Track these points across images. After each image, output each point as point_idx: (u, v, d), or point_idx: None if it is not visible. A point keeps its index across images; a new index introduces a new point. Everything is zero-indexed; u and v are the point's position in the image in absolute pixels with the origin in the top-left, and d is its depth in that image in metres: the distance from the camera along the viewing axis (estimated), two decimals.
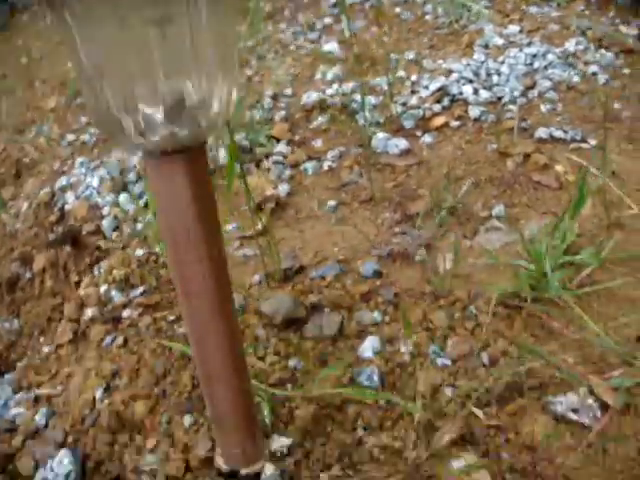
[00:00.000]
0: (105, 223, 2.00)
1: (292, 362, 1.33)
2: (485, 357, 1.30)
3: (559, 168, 1.75)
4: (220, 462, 1.19)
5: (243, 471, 1.17)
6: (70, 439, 1.38)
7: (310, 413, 1.22)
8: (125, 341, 1.48)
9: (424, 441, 1.14)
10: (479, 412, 1.20)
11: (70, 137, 2.55)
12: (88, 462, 1.31)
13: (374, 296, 1.48)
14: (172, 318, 1.51)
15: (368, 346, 1.33)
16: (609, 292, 1.49)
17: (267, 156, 2.04)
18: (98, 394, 1.42)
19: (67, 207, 2.18)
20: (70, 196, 2.20)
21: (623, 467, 1.12)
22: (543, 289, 1.39)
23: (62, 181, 2.26)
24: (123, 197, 2.04)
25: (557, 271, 1.41)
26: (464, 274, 1.54)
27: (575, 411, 1.21)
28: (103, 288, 1.66)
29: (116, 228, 2.00)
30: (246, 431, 1.12)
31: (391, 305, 1.44)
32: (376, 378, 1.26)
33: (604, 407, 1.22)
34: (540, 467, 1.11)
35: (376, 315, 1.41)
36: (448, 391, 1.24)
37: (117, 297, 1.62)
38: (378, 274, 1.55)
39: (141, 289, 1.61)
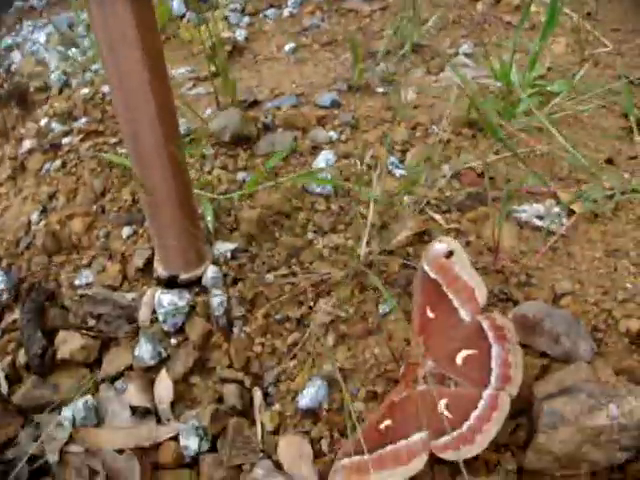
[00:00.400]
0: (53, 77, 1.83)
1: (240, 175, 1.21)
2: (447, 169, 1.19)
3: (533, 9, 1.62)
4: (159, 268, 1.07)
5: (183, 276, 1.06)
6: (4, 263, 1.25)
7: (257, 219, 1.10)
8: (64, 164, 1.35)
9: (378, 240, 1.03)
10: (438, 217, 1.09)
11: (18, 3, 2.36)
12: (23, 284, 1.19)
13: (331, 120, 1.36)
14: (114, 141, 1.37)
15: (322, 159, 1.21)
16: (579, 121, 1.38)
17: (225, 5, 1.89)
18: (34, 217, 1.29)
19: (14, 66, 2.01)
20: (16, 55, 2.03)
21: (589, 267, 1.03)
22: (511, 115, 1.28)
23: (7, 41, 2.08)
24: (72, 51, 1.88)
25: (526, 99, 1.29)
26: (427, 104, 1.42)
27: (540, 218, 1.11)
28: (44, 121, 1.52)
29: (65, 84, 1.84)
30: (187, 235, 1.01)
31: (349, 127, 1.32)
32: (329, 185, 1.14)
33: (570, 215, 1.11)
34: (503, 266, 1.01)
35: (332, 134, 1.29)
36: (405, 198, 1.13)
37: (58, 128, 1.48)
38: (337, 104, 1.42)
39: (84, 120, 1.47)
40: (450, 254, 0.92)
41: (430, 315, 0.90)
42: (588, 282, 1.00)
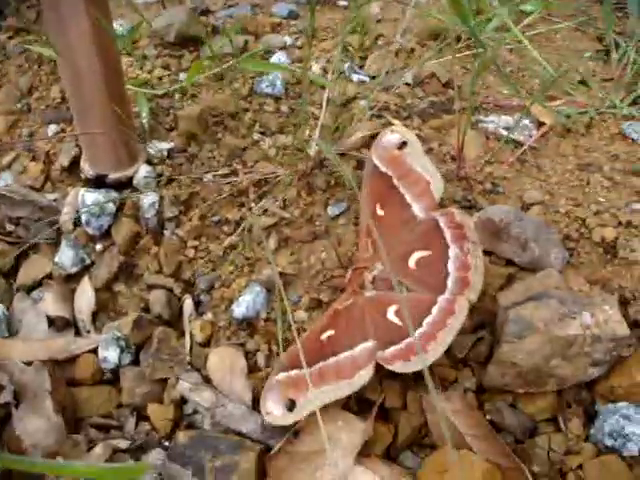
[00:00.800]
0: None
1: (184, 76, 1.06)
2: (409, 77, 1.06)
3: None
4: (86, 167, 0.93)
5: (113, 175, 0.92)
6: None
7: (197, 116, 0.96)
8: None
9: (330, 141, 0.90)
10: (397, 122, 0.97)
11: None
12: None
13: (287, 27, 1.22)
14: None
15: (274, 59, 1.07)
16: (552, 41, 1.27)
17: None
18: None
19: None
20: None
21: (560, 179, 0.91)
22: (482, 30, 1.15)
23: None
24: None
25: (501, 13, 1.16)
26: (391, 19, 1.28)
27: (508, 130, 0.99)
28: None
29: None
30: (118, 131, 0.87)
31: (305, 35, 1.17)
32: (280, 85, 1.01)
33: (541, 127, 0.99)
34: (467, 173, 0.89)
35: (287, 39, 1.15)
36: (363, 103, 0.99)
37: None
38: (294, 15, 1.28)
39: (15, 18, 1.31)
40: (403, 145, 0.79)
41: (380, 213, 0.77)
42: (559, 194, 0.88)
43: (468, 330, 0.77)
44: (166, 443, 0.76)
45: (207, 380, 0.77)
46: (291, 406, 0.68)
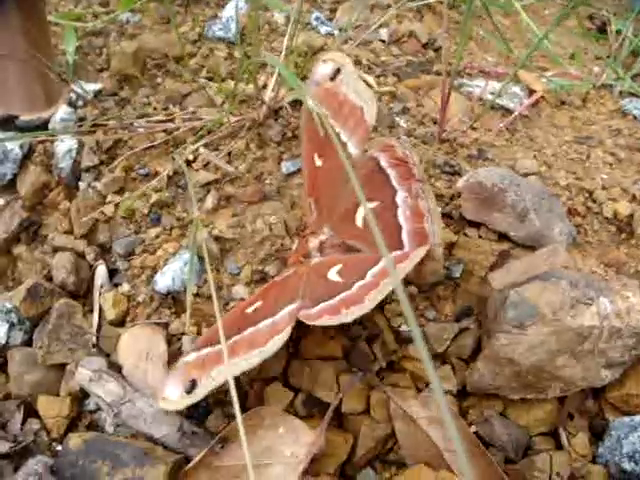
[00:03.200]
0: None
1: (125, 16, 0.85)
2: (385, 34, 0.86)
3: None
4: None
5: (25, 117, 0.70)
6: None
7: (133, 55, 0.75)
8: None
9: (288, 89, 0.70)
10: (368, 77, 0.77)
11: None
12: None
13: None
14: None
15: (231, 6, 0.86)
16: (541, 17, 1.10)
17: None
18: None
19: None
20: None
21: (556, 152, 0.74)
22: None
23: None
24: None
25: None
26: None
27: (498, 95, 0.80)
28: None
29: None
30: (34, 67, 0.66)
31: None
32: (234, 29, 0.80)
33: (532, 95, 0.81)
34: (450, 135, 0.69)
35: None
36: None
37: None
38: None
39: None
40: (337, 73, 0.60)
41: (318, 163, 0.57)
42: (557, 166, 0.70)
43: (450, 318, 0.57)
44: (58, 447, 0.54)
45: (116, 368, 0.55)
46: (191, 388, 0.47)
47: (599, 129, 0.79)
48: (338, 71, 0.61)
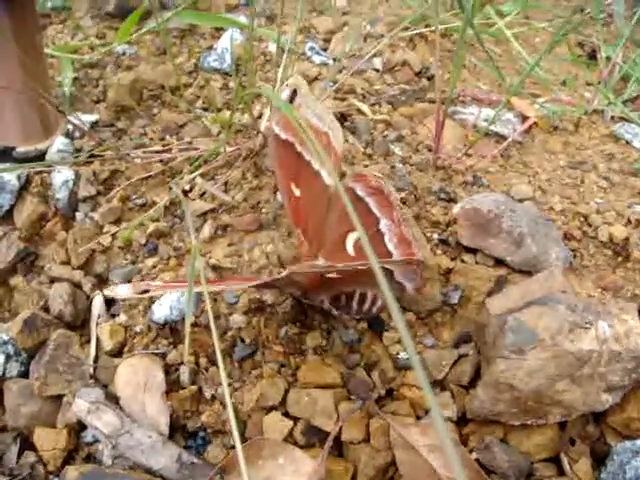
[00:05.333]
0: None
1: (121, 48, 0.86)
2: (378, 63, 0.88)
3: None
4: None
5: (21, 148, 0.70)
6: None
7: (130, 85, 0.76)
8: None
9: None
10: (362, 105, 0.78)
11: None
12: None
13: (243, 9, 1.03)
14: None
15: (226, 38, 0.88)
16: (530, 45, 1.11)
17: None
18: None
19: None
20: None
21: (551, 177, 0.74)
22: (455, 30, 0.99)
23: None
24: None
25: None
26: (358, 12, 1.11)
27: (490, 122, 0.81)
28: None
29: None
30: (30, 97, 0.67)
31: (264, 17, 0.99)
32: (229, 60, 0.82)
33: (525, 121, 0.82)
34: (445, 162, 0.70)
35: (242, 18, 0.96)
36: (323, 85, 0.81)
37: None
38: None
39: None
40: (294, 95, 0.60)
41: (296, 193, 0.58)
42: (551, 191, 0.70)
43: (448, 344, 0.57)
44: None
45: (113, 399, 0.55)
46: (141, 293, 0.47)
47: (592, 154, 0.79)
48: (294, 93, 0.61)
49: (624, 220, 0.64)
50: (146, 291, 0.48)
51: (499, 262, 0.61)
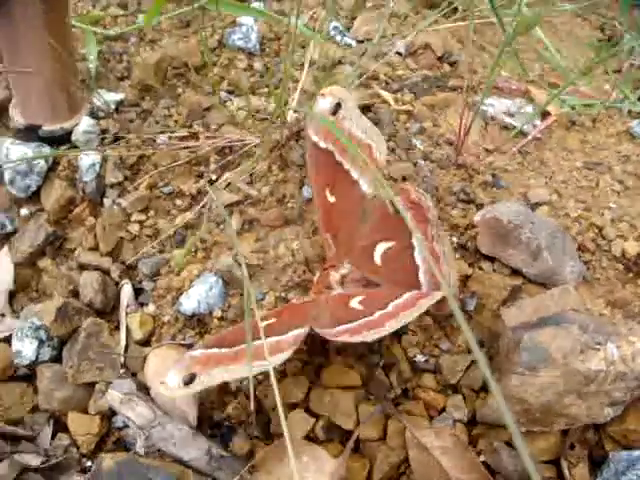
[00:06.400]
0: None
1: (141, 18, 0.86)
2: (402, 46, 0.88)
3: None
4: (16, 116, 0.73)
5: (47, 127, 0.72)
6: None
7: (155, 65, 0.77)
8: None
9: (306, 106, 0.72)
10: (386, 94, 0.79)
11: None
12: None
13: None
14: None
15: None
16: (552, 26, 1.11)
17: None
18: None
19: None
20: None
21: (567, 178, 0.77)
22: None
23: None
24: None
25: None
26: None
27: (510, 115, 0.83)
28: None
29: None
30: (57, 75, 0.68)
31: None
32: (255, 39, 0.82)
33: (545, 116, 0.83)
34: (464, 160, 0.72)
35: None
36: (348, 69, 0.82)
37: None
38: None
39: None
40: (337, 107, 0.62)
41: (331, 200, 0.60)
42: (567, 195, 0.73)
43: (462, 349, 0.61)
44: (88, 463, 0.58)
45: (143, 388, 0.59)
46: (189, 380, 0.51)
47: (608, 155, 0.82)
48: (339, 105, 0.63)
49: (636, 233, 0.67)
50: (193, 377, 0.51)
51: (515, 272, 0.64)
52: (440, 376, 0.60)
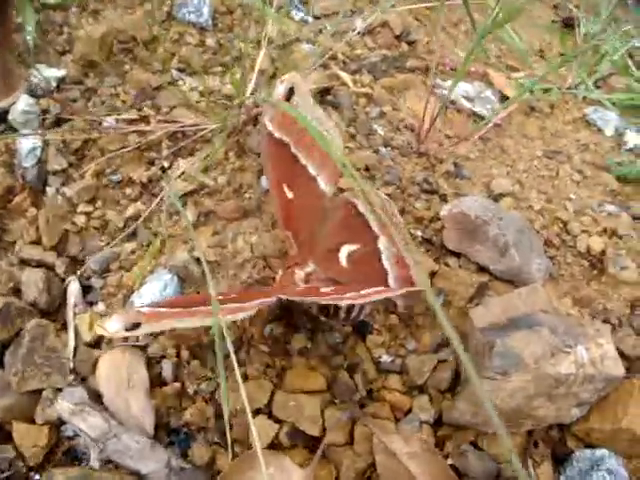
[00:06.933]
0: None
1: None
2: (360, 23, 0.84)
3: None
4: None
5: None
6: None
7: (100, 39, 0.71)
8: None
9: (267, 90, 0.68)
10: (345, 75, 0.76)
11: None
12: None
13: None
14: None
15: None
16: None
17: None
18: None
19: None
20: None
21: (528, 167, 0.76)
22: None
23: None
24: None
25: None
26: None
27: (469, 100, 0.80)
28: None
29: None
30: None
31: None
32: (207, 13, 0.77)
33: (504, 100, 0.82)
34: (426, 147, 0.70)
35: None
36: (306, 47, 0.77)
37: None
38: None
39: None
40: (290, 93, 0.58)
41: (289, 195, 0.57)
42: (529, 185, 0.72)
43: (428, 349, 0.59)
44: (36, 477, 0.54)
45: (95, 396, 0.55)
46: (132, 328, 0.47)
47: (568, 143, 0.81)
48: (291, 91, 0.59)
49: (599, 227, 0.67)
50: (137, 326, 0.47)
51: (481, 268, 0.62)
52: (406, 377, 0.58)
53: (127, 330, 0.45)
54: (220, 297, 0.50)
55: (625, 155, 0.80)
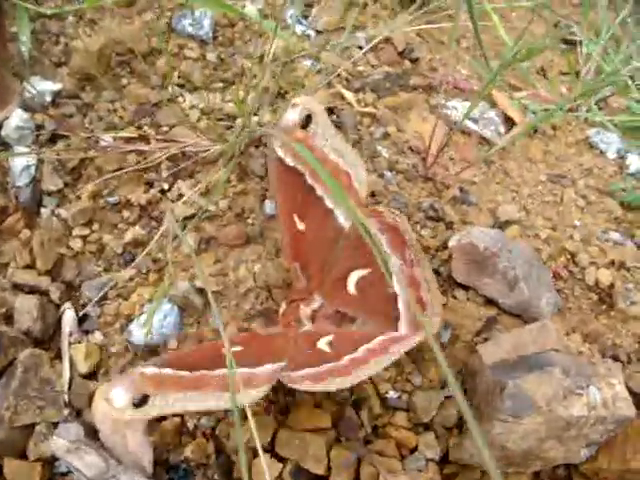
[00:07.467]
0: None
1: None
2: (363, 39, 0.82)
3: None
4: None
5: None
6: None
7: (98, 52, 0.68)
8: None
9: (271, 110, 0.66)
10: (349, 94, 0.74)
11: None
12: None
13: None
14: None
15: None
16: (507, 20, 1.08)
17: None
18: None
19: None
20: None
21: (532, 192, 0.74)
22: None
23: None
24: None
25: None
26: None
27: (474, 121, 0.79)
28: None
29: None
30: None
31: None
32: (208, 26, 0.74)
33: (508, 122, 0.80)
34: (432, 172, 0.68)
35: None
36: (307, 63, 0.75)
37: None
38: None
39: None
40: (308, 120, 0.56)
41: (300, 227, 0.55)
42: (534, 211, 0.71)
43: (435, 384, 0.58)
44: None
45: (91, 432, 0.53)
46: (140, 402, 0.45)
47: (572, 167, 0.80)
48: (309, 118, 0.57)
49: (607, 259, 0.66)
50: (145, 400, 0.45)
51: (490, 301, 0.61)
52: (413, 414, 0.57)
53: (135, 406, 0.43)
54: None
55: (628, 180, 0.79)
